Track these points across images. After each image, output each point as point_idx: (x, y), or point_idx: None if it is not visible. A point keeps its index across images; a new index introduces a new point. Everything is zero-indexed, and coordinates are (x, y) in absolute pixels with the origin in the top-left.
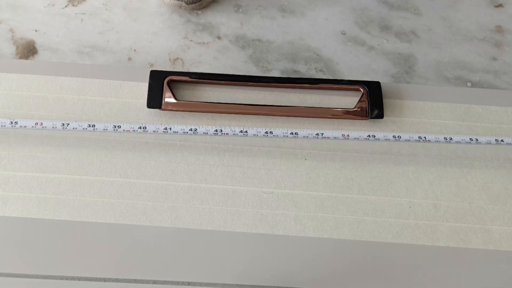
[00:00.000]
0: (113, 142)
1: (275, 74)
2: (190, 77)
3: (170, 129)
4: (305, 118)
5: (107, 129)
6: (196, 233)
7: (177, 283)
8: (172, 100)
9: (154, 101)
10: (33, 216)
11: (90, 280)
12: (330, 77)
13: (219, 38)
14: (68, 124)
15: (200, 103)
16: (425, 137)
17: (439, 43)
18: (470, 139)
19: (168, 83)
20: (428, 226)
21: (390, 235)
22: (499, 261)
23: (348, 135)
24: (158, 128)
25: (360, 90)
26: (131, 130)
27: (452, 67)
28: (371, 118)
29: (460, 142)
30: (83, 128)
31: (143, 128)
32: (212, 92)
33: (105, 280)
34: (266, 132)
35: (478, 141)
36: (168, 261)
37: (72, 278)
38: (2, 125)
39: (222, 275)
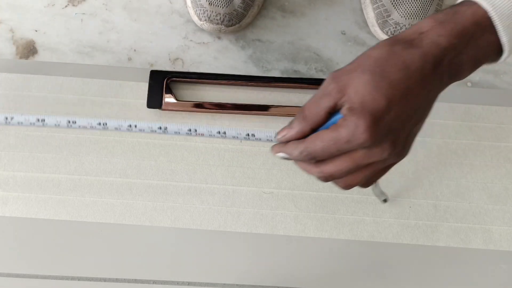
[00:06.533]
0: (113, 142)
1: (275, 74)
2: (190, 77)
3: (166, 129)
4: None
5: (120, 129)
6: (196, 233)
7: (177, 283)
8: (172, 100)
9: (154, 101)
10: (33, 216)
11: (90, 280)
12: None
13: (219, 38)
14: (75, 121)
15: (200, 103)
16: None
17: None
18: None
19: (168, 83)
20: (428, 226)
21: (390, 235)
22: (499, 261)
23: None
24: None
25: None
26: (147, 128)
27: None
28: None
29: None
30: (91, 126)
31: (164, 128)
32: (212, 92)
33: (105, 280)
34: (248, 134)
35: None
36: (168, 261)
37: (72, 278)
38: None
39: (222, 275)
